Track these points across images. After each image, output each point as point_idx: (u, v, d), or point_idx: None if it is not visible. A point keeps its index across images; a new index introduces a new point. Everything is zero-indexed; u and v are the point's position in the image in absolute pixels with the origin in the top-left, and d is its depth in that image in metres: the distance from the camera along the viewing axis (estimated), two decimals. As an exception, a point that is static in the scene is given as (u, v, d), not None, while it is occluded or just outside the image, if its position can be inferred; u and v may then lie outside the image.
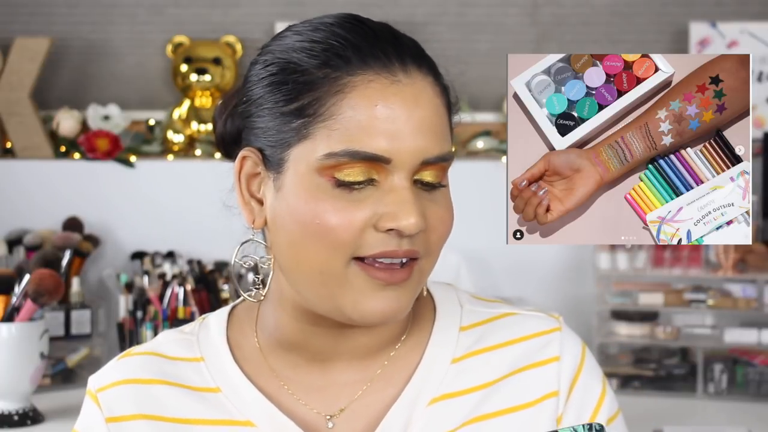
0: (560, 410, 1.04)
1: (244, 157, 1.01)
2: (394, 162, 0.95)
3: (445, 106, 1.01)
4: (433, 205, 0.99)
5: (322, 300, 0.98)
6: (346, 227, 0.95)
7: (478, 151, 3.05)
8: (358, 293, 0.96)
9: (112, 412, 1.05)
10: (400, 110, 0.95)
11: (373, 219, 0.95)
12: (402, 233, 0.95)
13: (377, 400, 1.04)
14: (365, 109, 0.94)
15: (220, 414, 1.04)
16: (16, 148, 3.05)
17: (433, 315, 1.08)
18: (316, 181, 0.95)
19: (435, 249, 1.00)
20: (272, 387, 1.05)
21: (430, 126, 0.97)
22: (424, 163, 0.96)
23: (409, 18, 3.14)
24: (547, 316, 1.09)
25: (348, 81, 0.95)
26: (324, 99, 0.95)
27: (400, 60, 0.97)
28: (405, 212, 0.95)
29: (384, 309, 0.97)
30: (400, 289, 0.97)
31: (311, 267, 0.97)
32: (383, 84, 0.95)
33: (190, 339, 1.09)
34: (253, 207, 1.02)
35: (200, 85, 3.08)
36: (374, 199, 0.95)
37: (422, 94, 0.97)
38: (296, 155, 0.97)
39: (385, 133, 0.94)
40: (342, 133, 0.94)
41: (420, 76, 0.98)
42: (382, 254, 0.95)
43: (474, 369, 1.05)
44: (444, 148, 0.98)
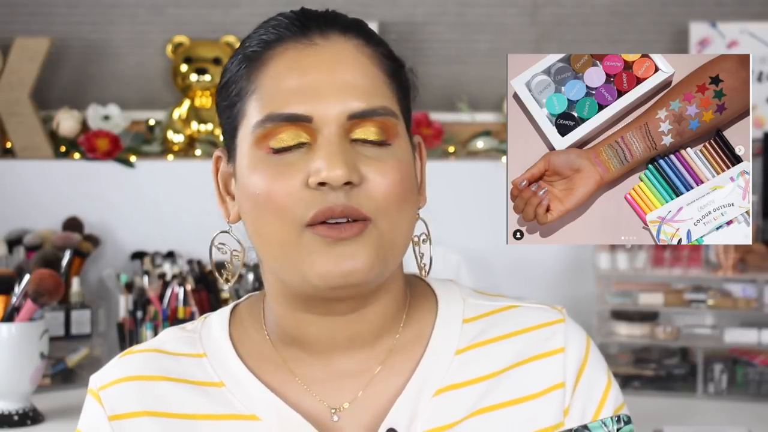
0: (567, 402, 1.05)
1: (217, 157, 1.07)
2: (315, 119, 0.97)
3: (381, 69, 1.01)
4: (375, 161, 0.99)
5: (289, 272, 1.00)
6: (283, 191, 0.97)
7: (478, 151, 3.05)
8: (312, 255, 0.97)
9: (115, 410, 1.05)
10: (316, 70, 0.99)
11: (306, 178, 0.97)
12: (331, 185, 0.96)
13: (382, 392, 1.04)
14: (283, 75, 0.99)
15: (225, 408, 1.04)
16: (16, 148, 3.05)
17: (435, 308, 1.08)
18: (256, 156, 0.99)
19: (387, 207, 0.99)
20: (276, 381, 1.05)
21: (352, 82, 0.99)
22: (352, 117, 0.98)
23: (409, 18, 3.14)
24: (550, 308, 1.09)
25: (269, 54, 1.01)
26: (251, 75, 1.01)
27: (318, 27, 1.01)
28: (330, 164, 0.96)
29: (340, 268, 0.97)
30: (354, 244, 0.97)
31: (270, 239, 0.99)
32: (298, 49, 1.00)
33: (193, 336, 1.09)
34: (228, 203, 1.06)
35: (200, 85, 3.08)
36: (306, 159, 0.98)
37: (343, 54, 1.00)
38: (240, 137, 1.02)
39: (302, 92, 0.98)
40: (266, 101, 0.99)
41: (342, 39, 1.01)
42: (320, 213, 0.96)
43: (478, 360, 1.05)
44: (373, 103, 0.99)
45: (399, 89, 1.03)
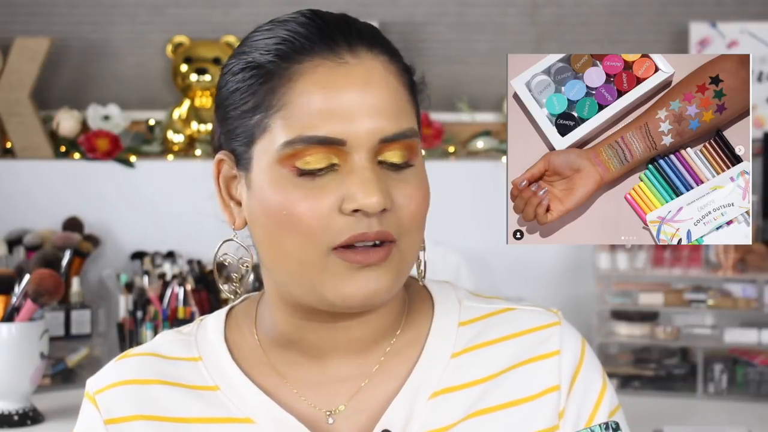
0: (562, 404, 1.05)
1: (220, 160, 1.03)
2: (349, 143, 0.95)
3: (403, 85, 1.00)
4: (401, 183, 0.98)
5: (304, 290, 0.99)
6: (312, 214, 0.96)
7: (478, 151, 3.05)
8: (336, 278, 0.97)
9: (111, 414, 1.05)
10: (349, 91, 0.96)
11: (338, 203, 0.96)
12: (367, 213, 0.95)
13: (377, 394, 1.04)
14: (314, 94, 0.96)
15: (220, 412, 1.04)
16: (16, 148, 3.05)
17: (431, 311, 1.08)
18: (279, 173, 0.97)
19: (410, 228, 0.99)
20: (271, 384, 1.05)
21: (383, 105, 0.97)
22: (383, 141, 0.97)
23: (409, 18, 3.14)
24: (545, 311, 1.09)
25: (296, 69, 0.97)
26: (276, 90, 0.97)
27: (347, 42, 0.98)
28: (366, 191, 0.95)
29: (364, 291, 0.97)
30: (379, 269, 0.97)
31: (289, 259, 0.98)
32: (329, 67, 0.96)
33: (188, 339, 1.09)
34: (233, 208, 1.04)
35: (200, 85, 3.08)
36: (336, 182, 0.96)
37: (372, 73, 0.97)
38: (259, 150, 0.98)
39: (336, 115, 0.95)
40: (295, 121, 0.96)
41: (370, 57, 0.98)
42: (353, 239, 0.96)
43: (474, 363, 1.05)
44: (402, 125, 0.98)
45: (415, 102, 1.03)
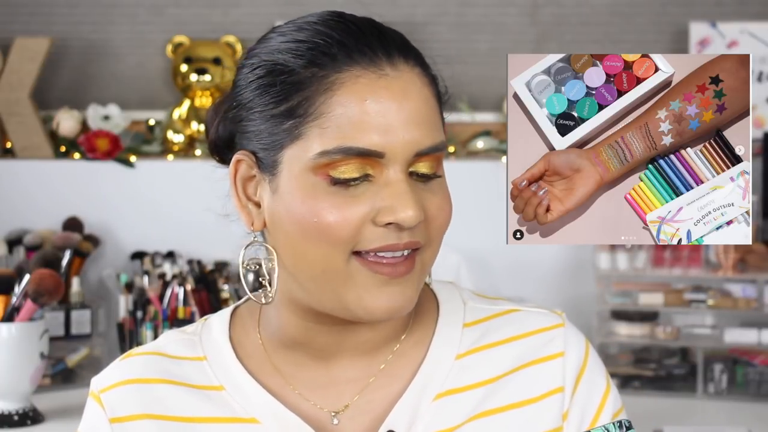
0: (566, 406, 1.05)
1: (238, 160, 1.02)
2: (387, 156, 0.95)
3: (434, 97, 1.01)
4: (430, 195, 0.99)
5: (326, 298, 0.98)
6: (343, 224, 0.95)
7: (478, 151, 3.05)
8: (361, 289, 0.97)
9: (116, 413, 1.05)
10: (389, 104, 0.95)
11: (371, 214, 0.96)
12: (401, 226, 0.95)
13: (382, 396, 1.04)
14: (355, 105, 0.95)
15: (225, 412, 1.04)
16: (16, 148, 3.05)
17: (437, 312, 1.09)
18: (311, 181, 0.96)
19: (436, 238, 1.00)
20: (276, 384, 1.05)
21: (420, 117, 0.97)
22: (418, 154, 0.97)
23: (409, 18, 3.14)
24: (550, 312, 1.09)
25: (335, 78, 0.96)
26: (313, 98, 0.96)
27: (386, 53, 0.98)
28: (402, 205, 0.95)
29: (389, 304, 0.97)
30: (404, 282, 0.98)
31: (313, 266, 0.97)
32: (371, 79, 0.96)
33: (193, 339, 1.09)
34: (251, 210, 1.02)
35: (200, 85, 3.08)
36: (371, 194, 0.96)
37: (411, 86, 0.97)
38: (290, 156, 0.97)
39: (376, 127, 0.95)
40: (334, 131, 0.95)
41: (407, 68, 0.98)
42: (382, 248, 0.96)
43: (478, 365, 1.05)
44: (436, 138, 0.98)
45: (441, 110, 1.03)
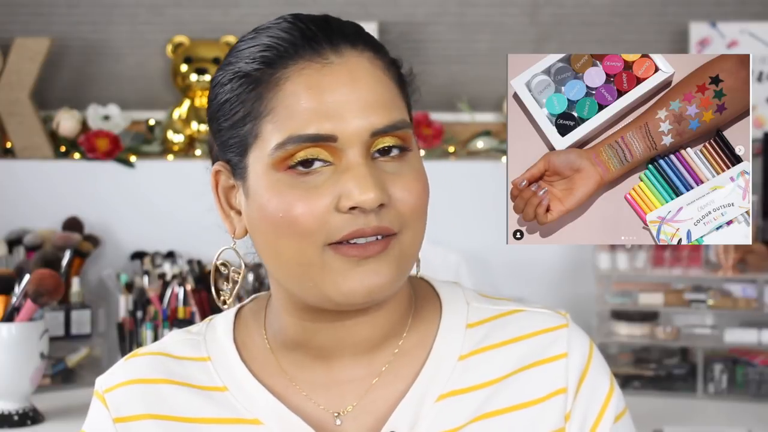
0: (568, 407, 1.04)
1: (217, 171, 1.04)
2: (341, 139, 0.96)
3: (391, 79, 1.01)
4: (397, 177, 0.99)
5: (307, 291, 0.99)
6: (309, 214, 0.96)
7: (478, 151, 3.05)
8: (336, 275, 0.97)
9: (120, 413, 1.05)
10: (336, 89, 0.96)
11: (335, 201, 0.96)
12: (364, 210, 0.96)
13: (384, 396, 1.04)
14: (301, 95, 0.96)
15: (228, 412, 1.04)
16: (16, 148, 3.05)
17: (440, 312, 1.08)
18: (274, 177, 0.97)
19: (411, 220, 0.99)
20: (279, 385, 1.05)
21: (372, 99, 0.97)
22: (375, 134, 0.97)
23: (409, 18, 3.14)
24: (554, 313, 1.09)
25: (282, 73, 0.97)
26: (263, 96, 0.98)
27: (329, 43, 0.98)
28: (362, 187, 0.95)
29: (366, 285, 0.97)
30: (379, 261, 0.97)
31: (289, 261, 0.98)
32: (315, 68, 0.97)
33: (197, 339, 1.09)
34: (233, 218, 1.04)
35: (200, 85, 3.08)
36: (332, 181, 0.96)
37: (358, 70, 0.98)
38: (253, 158, 0.99)
39: (324, 113, 0.96)
40: (284, 123, 0.96)
41: (354, 53, 0.99)
42: (351, 235, 0.96)
43: (481, 366, 1.05)
44: (394, 117, 0.98)
45: (405, 94, 1.03)
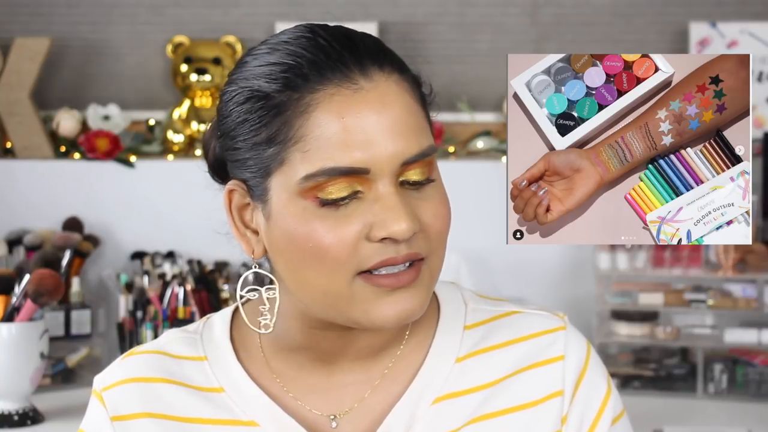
0: (565, 410, 1.04)
1: (231, 190, 1.01)
2: (373, 171, 0.94)
3: (416, 101, 0.98)
4: (424, 202, 0.98)
5: (333, 316, 0.98)
6: (339, 244, 0.94)
7: (478, 151, 3.05)
8: (366, 305, 0.96)
9: (117, 411, 1.05)
10: (368, 117, 0.94)
11: (365, 231, 0.94)
12: (396, 240, 0.95)
13: (381, 399, 1.04)
14: (332, 124, 0.93)
15: (224, 414, 1.04)
16: (16, 148, 3.05)
17: (437, 314, 1.08)
18: (301, 205, 0.95)
19: (438, 244, 0.99)
20: (276, 387, 1.05)
21: (402, 126, 0.95)
22: (405, 164, 0.95)
23: (409, 18, 3.14)
24: (551, 315, 1.09)
25: (310, 99, 0.94)
26: (291, 122, 0.95)
27: (358, 65, 0.95)
28: (394, 218, 0.94)
29: (397, 312, 0.96)
30: (411, 290, 0.97)
31: (315, 289, 0.97)
32: (345, 95, 0.94)
33: (194, 338, 1.09)
34: (250, 237, 1.01)
35: (200, 85, 3.08)
36: (362, 210, 0.95)
37: (388, 96, 0.95)
38: (277, 183, 0.96)
39: (357, 144, 0.93)
40: (315, 153, 0.93)
41: (383, 78, 0.96)
42: (382, 263, 0.95)
43: (478, 368, 1.05)
44: (422, 144, 0.96)
45: (427, 113, 1.01)
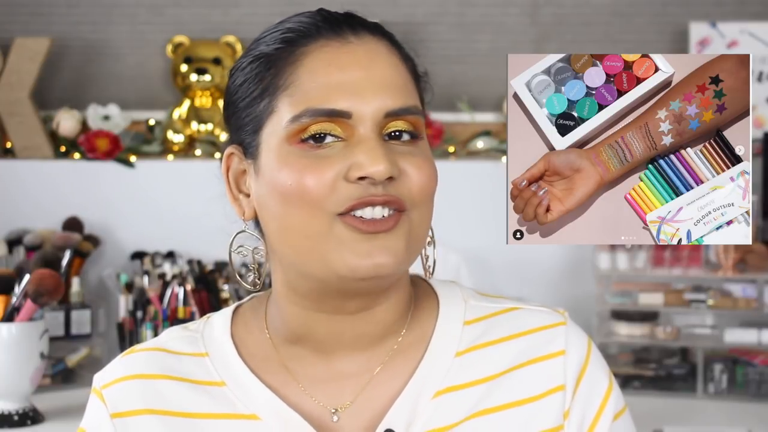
0: (567, 404, 1.05)
1: (229, 154, 1.05)
2: (355, 115, 0.98)
3: (407, 70, 1.03)
4: (409, 156, 1.00)
5: (315, 265, 0.99)
6: (318, 183, 0.97)
7: (478, 151, 3.05)
8: (344, 249, 0.97)
9: (117, 408, 1.06)
10: (355, 67, 0.99)
11: (344, 171, 0.97)
12: (374, 180, 0.97)
13: (382, 393, 1.04)
14: (320, 71, 0.99)
15: (226, 408, 1.04)
16: (16, 148, 3.05)
17: (437, 310, 1.09)
18: (286, 150, 0.99)
19: (421, 199, 1.00)
20: (277, 381, 1.05)
21: (387, 80, 1.00)
22: (388, 115, 0.99)
23: (409, 18, 3.15)
24: (552, 311, 1.09)
25: (302, 50, 1.00)
26: (282, 70, 1.00)
27: (350, 27, 1.01)
28: (372, 159, 0.97)
29: (375, 260, 0.97)
30: (388, 238, 0.98)
31: (297, 234, 0.99)
32: (335, 47, 1.00)
33: (195, 335, 1.10)
34: (242, 200, 1.05)
35: (200, 85, 3.08)
36: (343, 154, 0.98)
37: (376, 52, 1.01)
38: (267, 133, 1.00)
39: (342, 89, 0.98)
40: (302, 97, 0.98)
41: (373, 39, 1.02)
42: (360, 203, 0.97)
43: (478, 362, 1.05)
44: (407, 101, 1.00)
45: (419, 89, 1.05)
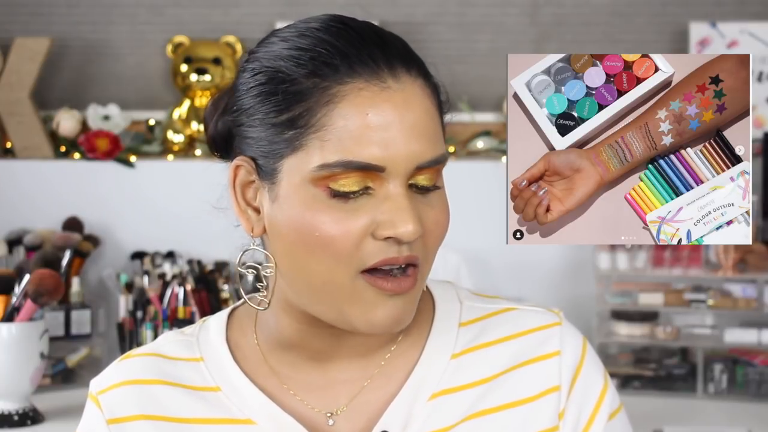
0: (562, 405, 1.04)
1: (237, 166, 1.01)
2: (388, 170, 0.95)
3: (436, 107, 1.00)
4: (429, 208, 0.99)
5: (326, 309, 0.99)
6: (344, 237, 0.95)
7: (478, 151, 3.05)
8: (366, 305, 0.97)
9: (113, 414, 1.05)
10: (391, 117, 0.95)
11: (371, 227, 0.95)
12: (401, 240, 0.95)
13: (377, 396, 1.04)
14: (356, 118, 0.94)
15: (221, 413, 1.04)
16: (16, 148, 3.05)
17: (432, 311, 1.09)
18: (311, 192, 0.96)
19: (431, 252, 1.01)
20: (272, 386, 1.05)
21: (422, 130, 0.96)
22: (419, 168, 0.96)
23: (408, 18, 3.14)
24: (546, 311, 1.09)
25: (337, 90, 0.95)
26: (315, 109, 0.95)
27: (388, 64, 0.97)
28: (402, 219, 0.95)
29: (392, 318, 0.98)
30: (406, 297, 0.98)
31: (314, 278, 0.97)
32: (373, 92, 0.95)
33: (190, 340, 1.09)
34: (250, 215, 1.02)
35: (200, 85, 3.08)
36: (370, 207, 0.96)
37: (413, 99, 0.97)
38: (290, 166, 0.97)
39: (377, 141, 0.94)
40: (334, 144, 0.94)
41: (409, 80, 0.97)
42: (384, 262, 0.96)
43: (474, 364, 1.05)
44: (437, 150, 0.98)
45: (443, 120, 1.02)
